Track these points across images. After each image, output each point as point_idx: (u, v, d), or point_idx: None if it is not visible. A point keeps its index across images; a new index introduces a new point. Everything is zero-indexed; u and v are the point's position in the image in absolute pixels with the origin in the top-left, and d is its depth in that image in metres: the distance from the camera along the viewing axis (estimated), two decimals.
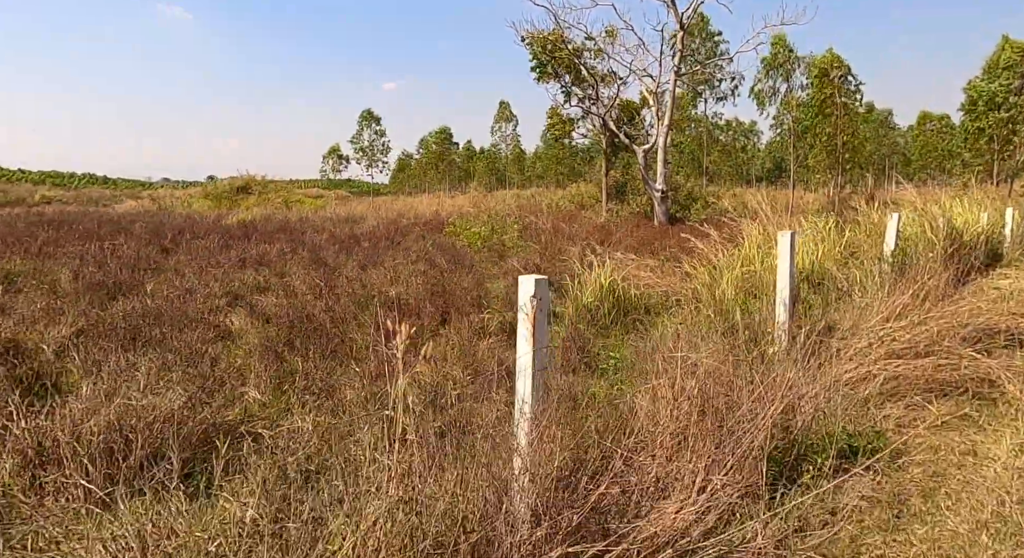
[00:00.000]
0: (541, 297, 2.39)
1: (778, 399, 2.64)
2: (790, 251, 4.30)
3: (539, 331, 2.38)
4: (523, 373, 2.40)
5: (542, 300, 2.39)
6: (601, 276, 5.75)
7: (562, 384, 3.86)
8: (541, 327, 2.39)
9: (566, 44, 15.68)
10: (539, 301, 2.38)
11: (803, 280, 6.69)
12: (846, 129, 21.94)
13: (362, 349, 4.66)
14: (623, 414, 2.87)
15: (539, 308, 2.38)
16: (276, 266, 9.24)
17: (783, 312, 4.37)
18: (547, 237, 13.24)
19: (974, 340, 4.02)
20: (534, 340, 2.37)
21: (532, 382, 2.37)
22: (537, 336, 2.38)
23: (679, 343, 3.61)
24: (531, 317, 2.37)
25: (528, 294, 2.37)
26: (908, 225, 8.00)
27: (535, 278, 2.37)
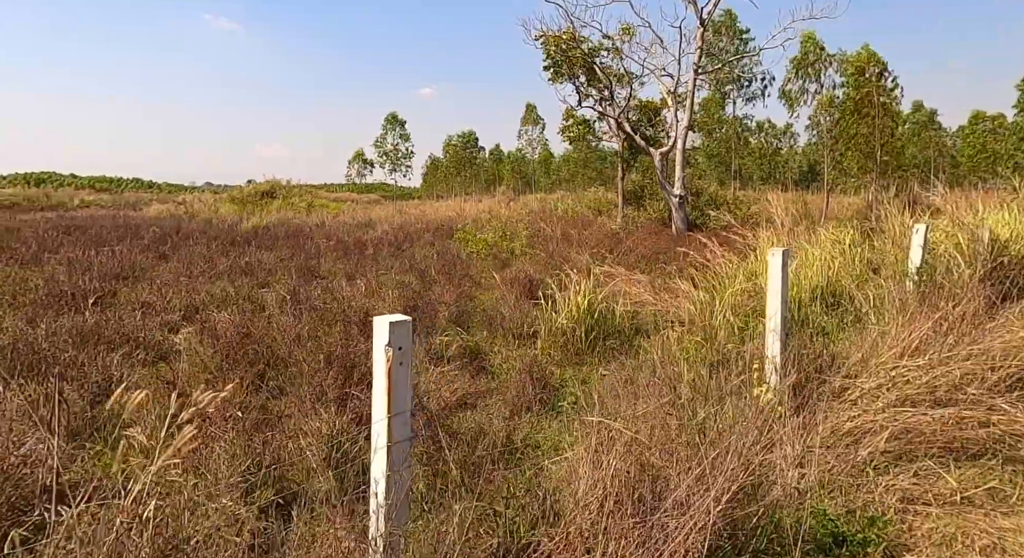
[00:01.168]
0: (402, 346, 1.83)
1: (721, 479, 2.02)
2: (782, 272, 3.64)
3: (398, 391, 1.83)
4: (377, 450, 1.84)
5: (403, 350, 1.83)
6: (579, 295, 5.14)
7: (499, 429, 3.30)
8: (401, 385, 1.83)
9: (580, 43, 15.07)
10: (399, 351, 1.82)
11: (815, 299, 5.95)
12: (884, 130, 20.67)
13: (296, 377, 4.17)
14: (542, 494, 2.28)
15: (399, 359, 1.82)
16: (261, 275, 8.90)
17: (774, 343, 3.70)
18: (555, 245, 12.64)
19: (1009, 387, 3.28)
20: (390, 403, 1.81)
21: (388, 462, 1.81)
22: (396, 397, 1.82)
23: (627, 388, 3.01)
24: (387, 372, 1.81)
25: (383, 341, 1.82)
26: (944, 237, 7.14)
27: (392, 320, 1.81)
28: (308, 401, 3.43)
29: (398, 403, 1.80)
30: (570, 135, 16.28)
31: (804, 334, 5.11)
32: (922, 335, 3.69)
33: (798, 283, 5.94)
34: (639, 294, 6.21)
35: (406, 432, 1.84)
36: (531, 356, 4.65)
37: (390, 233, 17.48)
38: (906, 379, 3.44)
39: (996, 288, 5.49)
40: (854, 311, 5.45)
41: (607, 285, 6.52)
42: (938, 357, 3.46)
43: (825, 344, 4.42)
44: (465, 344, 4.90)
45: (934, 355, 3.49)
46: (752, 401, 3.66)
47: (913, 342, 3.65)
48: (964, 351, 3.45)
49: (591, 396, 4.07)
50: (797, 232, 8.54)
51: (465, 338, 5.07)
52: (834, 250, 6.78)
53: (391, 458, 1.79)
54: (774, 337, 3.71)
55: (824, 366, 3.98)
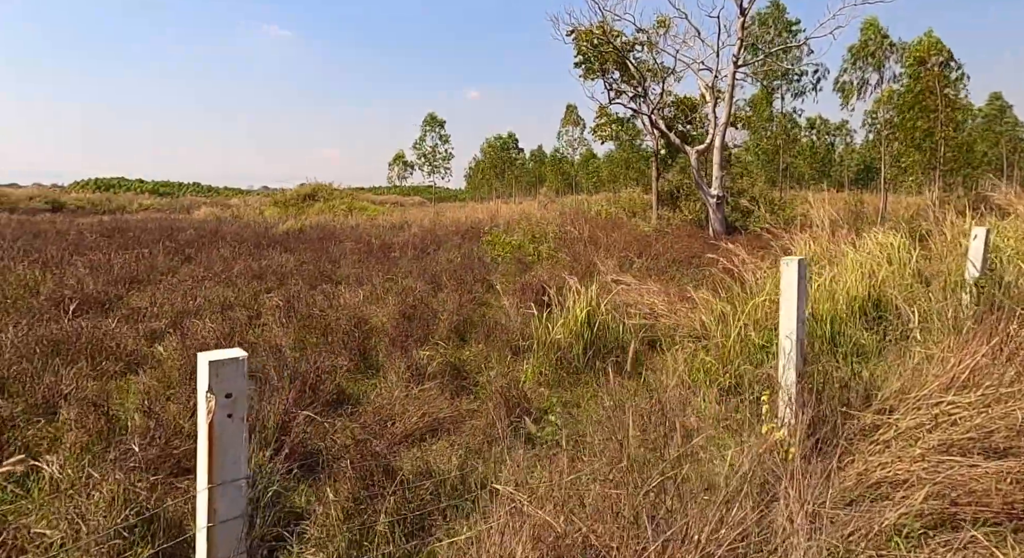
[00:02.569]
0: (232, 392, 1.40)
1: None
2: (798, 284, 3.04)
3: (225, 451, 1.40)
4: (197, 532, 1.41)
5: (232, 398, 1.40)
6: (577, 306, 4.62)
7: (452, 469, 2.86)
8: (231, 444, 1.40)
9: (613, 38, 14.44)
10: (227, 399, 1.39)
11: (854, 313, 5.23)
12: (947, 124, 19.07)
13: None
14: None
15: (227, 410, 1.40)
16: (273, 280, 8.73)
17: (788, 370, 3.11)
18: (581, 248, 12.08)
19: None
20: (212, 468, 1.39)
21: (208, 550, 1.38)
22: (221, 460, 1.40)
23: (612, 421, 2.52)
24: (208, 426, 1.39)
25: (204, 386, 1.39)
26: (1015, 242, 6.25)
27: (215, 357, 1.39)
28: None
29: (225, 468, 1.38)
30: (603, 134, 15.65)
31: (837, 355, 4.44)
32: (975, 363, 3.02)
33: (833, 294, 5.23)
34: (654, 304, 5.63)
35: (237, 507, 1.40)
36: (512, 377, 4.18)
37: (419, 236, 17.30)
38: (953, 419, 2.79)
39: None
40: (901, 327, 4.73)
41: (619, 293, 5.98)
42: (996, 393, 2.80)
43: (858, 369, 3.76)
44: (448, 359, 4.47)
45: (990, 389, 2.82)
46: (757, 441, 3.09)
47: (964, 371, 2.98)
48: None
49: (577, 423, 3.57)
50: (840, 236, 7.74)
51: (449, 352, 4.64)
52: (881, 256, 6.00)
53: (213, 543, 1.37)
54: (788, 362, 3.12)
55: (854, 397, 3.35)
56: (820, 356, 4.34)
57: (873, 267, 5.80)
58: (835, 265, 5.78)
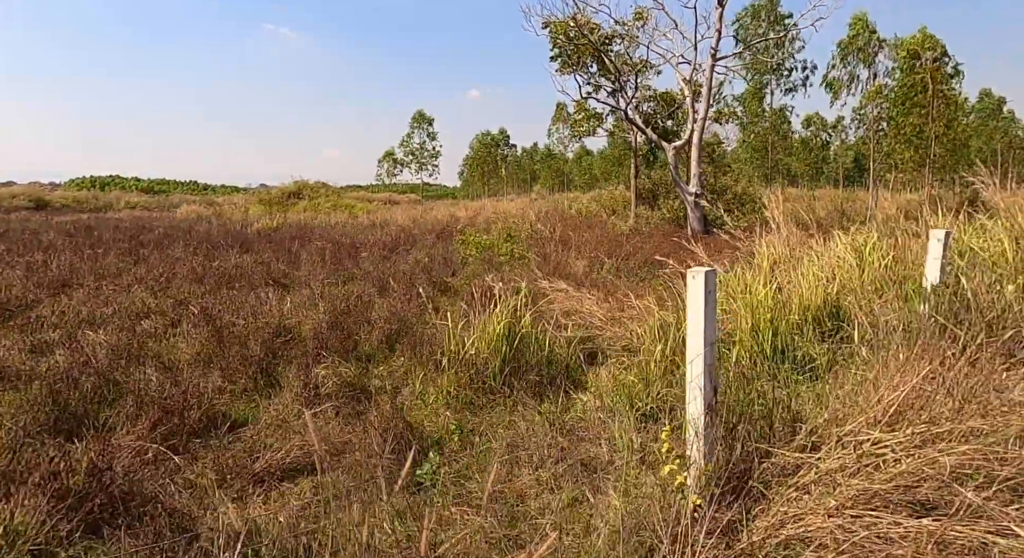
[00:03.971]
0: None
1: None
2: (705, 302, 2.61)
3: None
4: None
5: None
6: (495, 318, 4.18)
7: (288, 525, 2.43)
8: None
9: (589, 31, 13.97)
10: None
11: (810, 322, 4.80)
12: (939, 120, 18.60)
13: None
14: None
15: None
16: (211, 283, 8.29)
17: (695, 400, 2.68)
18: (552, 248, 11.64)
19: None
20: None
21: None
22: None
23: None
24: None
25: None
26: (993, 243, 5.81)
27: None
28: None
29: None
30: (581, 130, 15.19)
31: (781, 373, 4.01)
32: (906, 394, 2.59)
33: (785, 303, 4.80)
34: (593, 313, 5.20)
35: None
36: (423, 397, 3.75)
37: (395, 235, 16.87)
38: (876, 462, 2.36)
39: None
40: (859, 339, 4.30)
41: (559, 301, 5.55)
42: (928, 431, 2.37)
43: (792, 393, 3.33)
44: (346, 378, 4.03)
45: (922, 427, 2.39)
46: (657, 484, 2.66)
47: (893, 403, 2.55)
48: (968, 425, 2.34)
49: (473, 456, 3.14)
50: (800, 237, 7.31)
51: (359, 368, 4.20)
52: (847, 259, 5.57)
53: None
54: (695, 392, 2.68)
55: (780, 429, 2.92)
56: (758, 376, 3.91)
57: (834, 271, 5.37)
58: (794, 270, 5.35)
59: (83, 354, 3.99)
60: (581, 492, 2.75)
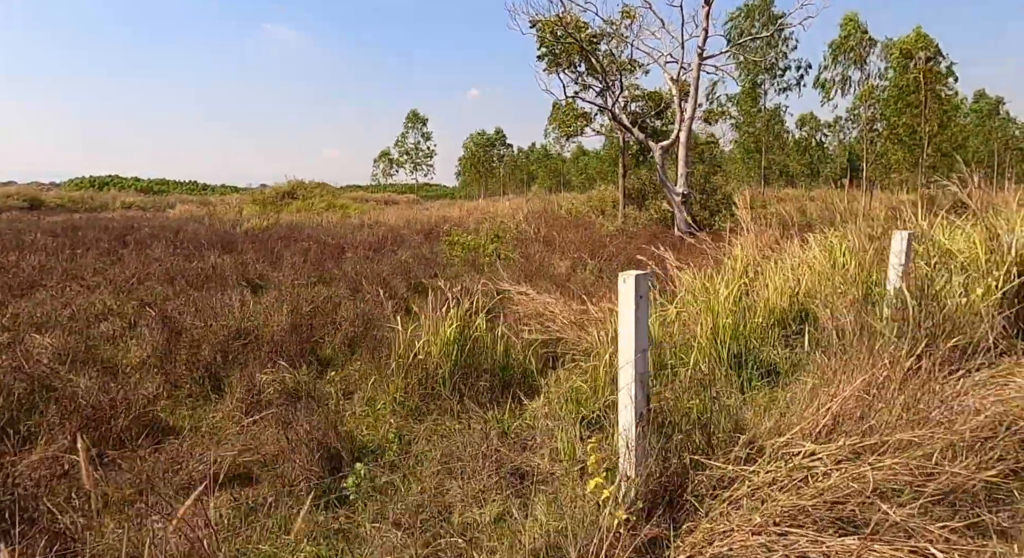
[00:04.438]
0: None
1: None
2: (636, 307, 2.50)
3: None
4: None
5: None
6: (446, 322, 4.07)
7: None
8: None
9: (577, 30, 13.86)
10: None
11: (773, 326, 4.70)
12: (932, 120, 18.47)
13: None
14: None
15: None
16: (182, 284, 8.18)
17: (626, 409, 2.57)
18: (536, 249, 11.53)
19: (949, 504, 2.05)
20: None
21: None
22: None
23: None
24: None
25: None
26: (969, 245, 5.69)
27: None
28: None
29: None
30: (568, 130, 15.07)
31: (740, 378, 3.91)
32: (847, 401, 2.48)
33: (750, 306, 4.70)
34: (555, 316, 5.09)
35: None
36: (367, 402, 3.64)
37: (383, 235, 16.77)
38: (804, 476, 2.26)
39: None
40: (810, 344, 4.19)
41: (522, 303, 5.45)
42: (860, 443, 2.26)
43: (750, 399, 3.22)
44: (289, 384, 3.92)
45: (856, 439, 2.29)
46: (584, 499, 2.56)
47: (830, 413, 2.45)
48: (898, 437, 2.22)
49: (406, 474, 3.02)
50: (789, 236, 7.20)
51: (295, 376, 4.09)
52: (818, 261, 5.46)
53: None
54: (626, 401, 2.57)
55: (723, 439, 2.82)
56: (715, 382, 3.80)
57: (803, 273, 5.27)
58: (762, 272, 5.25)
59: (18, 359, 3.89)
60: (508, 507, 2.64)
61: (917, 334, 3.82)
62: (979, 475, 2.01)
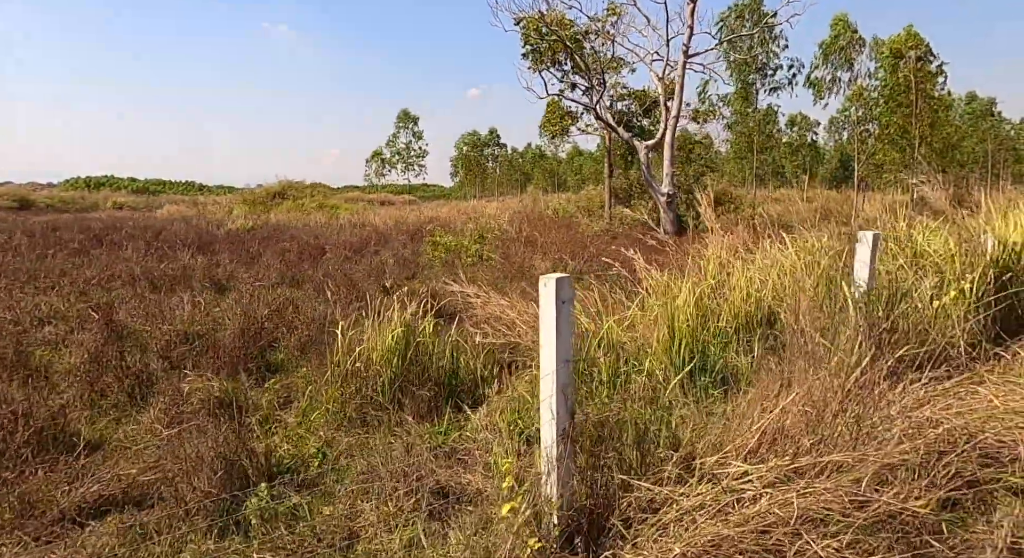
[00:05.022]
0: None
1: None
2: (556, 314, 2.29)
3: None
4: None
5: None
6: (388, 327, 3.85)
7: None
8: None
9: (563, 27, 13.66)
10: None
11: (739, 328, 4.50)
12: (924, 120, 18.29)
13: None
14: None
15: None
16: (145, 285, 7.96)
17: (548, 425, 2.36)
18: (517, 249, 11.31)
19: (878, 531, 1.84)
20: None
21: None
22: None
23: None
24: None
25: None
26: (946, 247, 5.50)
27: None
28: None
29: None
30: (553, 128, 14.87)
31: (696, 386, 3.70)
32: (787, 414, 2.27)
33: (712, 311, 4.49)
34: (513, 321, 4.87)
35: None
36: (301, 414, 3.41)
37: (367, 236, 16.57)
38: (730, 499, 2.04)
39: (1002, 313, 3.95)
40: (759, 351, 3.98)
41: (480, 306, 5.24)
42: (791, 465, 2.05)
43: (705, 410, 3.01)
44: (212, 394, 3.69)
45: (786, 459, 2.08)
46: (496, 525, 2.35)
47: (760, 430, 2.23)
48: (831, 458, 2.01)
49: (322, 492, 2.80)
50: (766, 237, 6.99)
51: (225, 384, 3.86)
52: (791, 262, 5.25)
53: None
54: (547, 415, 2.36)
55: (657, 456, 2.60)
56: (667, 391, 3.59)
57: (773, 275, 5.06)
58: (729, 275, 5.04)
59: None
60: (423, 531, 2.42)
61: (883, 339, 3.62)
62: (909, 504, 1.80)
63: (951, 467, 2.46)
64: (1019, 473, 2.58)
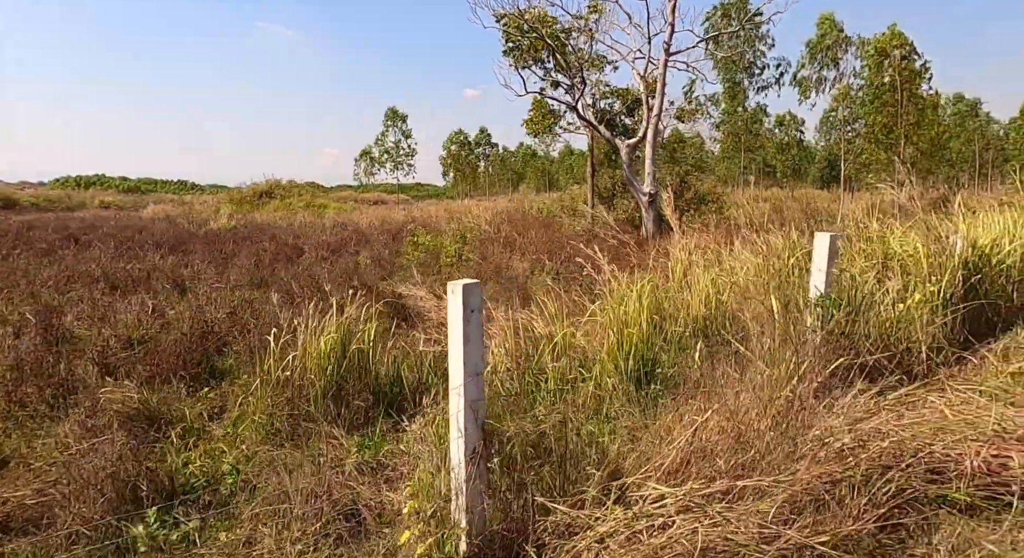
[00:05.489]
0: None
1: None
2: (464, 323, 2.11)
3: None
4: None
5: None
6: (323, 335, 3.66)
7: None
8: None
9: (543, 24, 13.48)
10: None
11: (696, 333, 4.33)
12: (908, 119, 18.22)
13: None
14: None
15: None
16: (125, 283, 7.77)
17: (457, 441, 2.18)
18: (495, 250, 11.13)
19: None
20: None
21: None
22: None
23: None
24: None
25: None
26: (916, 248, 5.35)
27: None
28: None
29: None
30: (535, 127, 14.69)
31: (642, 395, 3.53)
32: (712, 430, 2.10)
33: (672, 315, 4.33)
34: None
35: None
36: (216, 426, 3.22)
37: (348, 235, 16.36)
38: (644, 526, 1.87)
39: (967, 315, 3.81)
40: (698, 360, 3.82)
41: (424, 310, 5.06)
42: (705, 489, 1.88)
43: (651, 422, 2.84)
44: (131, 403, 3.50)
45: (700, 483, 1.91)
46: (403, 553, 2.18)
47: (684, 448, 2.06)
48: (745, 484, 1.85)
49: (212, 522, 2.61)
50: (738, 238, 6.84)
51: (140, 394, 3.67)
52: (752, 265, 5.09)
53: None
54: (455, 433, 2.19)
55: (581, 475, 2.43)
56: (612, 400, 3.43)
57: (735, 278, 4.90)
58: (685, 278, 4.88)
59: None
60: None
61: (840, 345, 3.47)
62: (813, 540, 1.63)
63: (893, 484, 2.31)
64: (964, 489, 2.43)
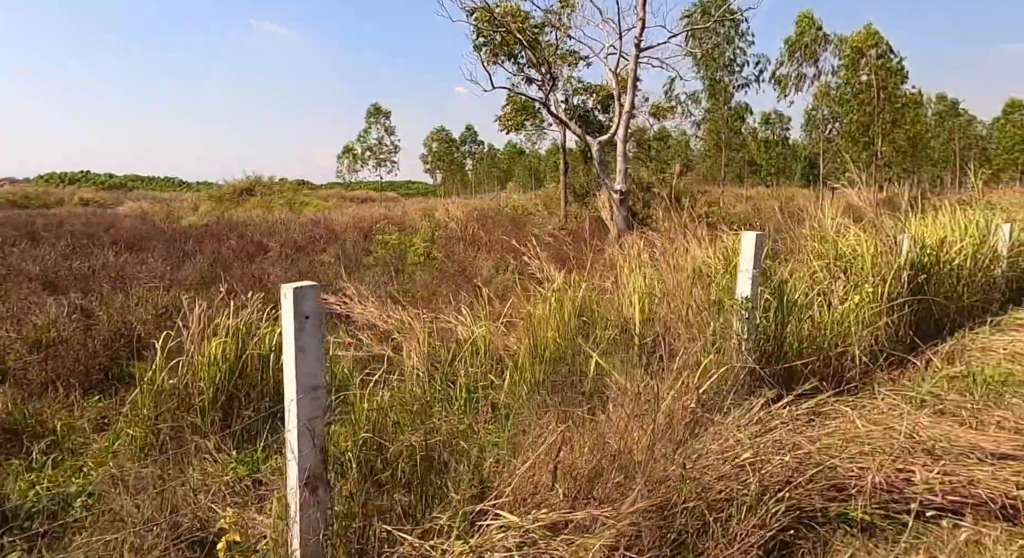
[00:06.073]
0: None
1: None
2: (296, 330, 1.88)
3: None
4: None
5: None
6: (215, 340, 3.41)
7: None
8: None
9: (517, 20, 13.26)
10: None
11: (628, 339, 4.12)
12: (885, 117, 18.17)
13: None
14: None
15: None
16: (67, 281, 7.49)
17: (292, 476, 1.94)
18: (461, 248, 10.91)
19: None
20: None
21: None
22: None
23: None
24: None
25: None
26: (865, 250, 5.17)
27: None
28: None
29: None
30: (508, 124, 14.47)
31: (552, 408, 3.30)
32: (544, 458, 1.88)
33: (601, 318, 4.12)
34: (389, 327, 4.46)
35: None
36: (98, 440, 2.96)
37: (318, 233, 16.07)
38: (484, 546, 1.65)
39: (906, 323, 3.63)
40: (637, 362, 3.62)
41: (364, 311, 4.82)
42: (549, 518, 1.66)
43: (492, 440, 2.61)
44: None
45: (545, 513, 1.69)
46: None
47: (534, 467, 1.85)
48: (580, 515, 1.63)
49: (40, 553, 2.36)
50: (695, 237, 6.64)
51: (4, 405, 3.40)
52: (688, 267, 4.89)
53: None
54: (290, 454, 1.95)
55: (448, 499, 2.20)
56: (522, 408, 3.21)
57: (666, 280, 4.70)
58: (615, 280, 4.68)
59: None
60: None
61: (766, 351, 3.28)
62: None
63: (784, 503, 2.12)
64: (864, 507, 2.23)
